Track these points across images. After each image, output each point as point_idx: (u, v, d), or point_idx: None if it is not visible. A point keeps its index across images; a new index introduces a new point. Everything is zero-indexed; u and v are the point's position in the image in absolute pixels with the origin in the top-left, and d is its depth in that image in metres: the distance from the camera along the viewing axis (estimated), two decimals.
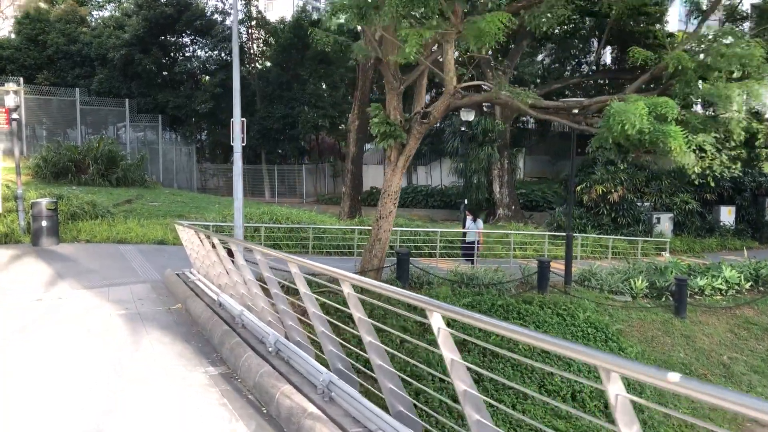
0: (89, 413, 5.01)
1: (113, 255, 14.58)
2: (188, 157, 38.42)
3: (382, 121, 11.15)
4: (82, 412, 5.04)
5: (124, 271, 12.73)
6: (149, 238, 16.75)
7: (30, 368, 6.17)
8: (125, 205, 21.69)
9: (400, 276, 12.16)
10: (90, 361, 6.32)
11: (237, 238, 11.02)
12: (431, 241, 17.92)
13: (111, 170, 25.99)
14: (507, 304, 12.17)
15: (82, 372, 6.03)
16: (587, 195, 22.17)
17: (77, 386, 5.65)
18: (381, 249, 12.12)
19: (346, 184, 23.36)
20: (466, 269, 13.82)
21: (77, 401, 5.27)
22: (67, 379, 5.85)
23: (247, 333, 6.51)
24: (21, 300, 9.81)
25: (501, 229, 25.06)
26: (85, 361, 6.36)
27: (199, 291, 9.36)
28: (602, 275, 15.14)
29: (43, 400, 5.33)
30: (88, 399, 5.32)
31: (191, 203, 24.53)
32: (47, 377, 5.89)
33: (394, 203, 11.96)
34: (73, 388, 5.62)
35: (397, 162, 11.60)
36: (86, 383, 5.71)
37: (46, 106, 31.51)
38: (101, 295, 10.25)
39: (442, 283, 12.74)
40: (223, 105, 36.16)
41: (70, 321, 8.26)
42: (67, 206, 17.71)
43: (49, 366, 6.23)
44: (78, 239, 16.25)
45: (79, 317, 8.48)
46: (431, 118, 11.11)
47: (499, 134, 28.08)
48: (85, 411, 5.07)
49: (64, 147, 26.10)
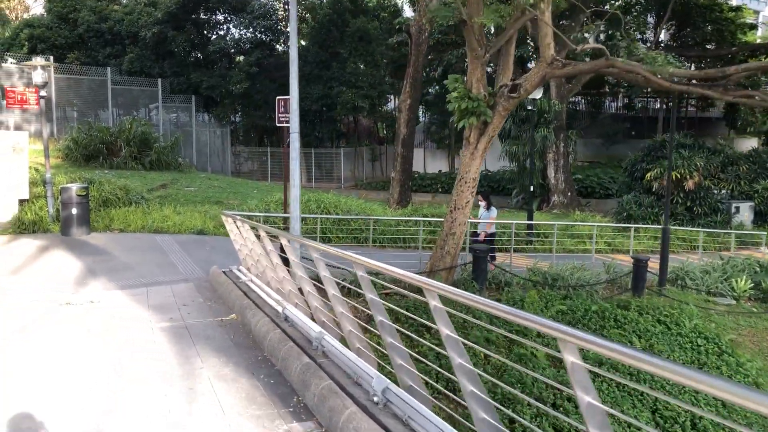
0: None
1: (149, 247, 13.17)
2: (222, 139, 37.06)
3: (462, 95, 9.47)
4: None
5: (162, 267, 11.28)
6: (187, 228, 15.32)
7: (63, 405, 4.68)
8: (160, 191, 20.35)
9: (476, 277, 10.52)
10: (135, 406, 4.79)
11: (294, 233, 9.47)
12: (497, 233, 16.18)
13: (144, 153, 24.70)
14: (602, 309, 10.47)
15: (126, 425, 4.52)
16: (658, 182, 20.21)
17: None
18: (455, 245, 10.49)
19: (395, 169, 21.66)
20: (546, 267, 12.13)
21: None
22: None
23: (334, 368, 4.94)
24: (48, 303, 8.39)
25: (557, 217, 23.28)
26: (129, 404, 4.85)
27: (255, 297, 7.83)
28: (696, 273, 13.32)
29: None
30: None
31: (229, 189, 23.11)
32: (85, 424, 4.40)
33: (472, 192, 10.30)
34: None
35: (478, 143, 9.92)
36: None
37: (76, 87, 30.30)
38: (139, 299, 8.79)
39: (523, 285, 11.07)
40: (258, 85, 34.70)
41: (105, 336, 6.79)
42: (99, 192, 16.37)
43: (86, 409, 4.73)
44: (111, 228, 14.89)
45: (115, 331, 7.00)
46: (521, 92, 9.40)
47: (556, 115, 26.15)
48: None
49: (96, 128, 24.86)
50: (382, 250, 14.76)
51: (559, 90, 26.58)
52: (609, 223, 18.78)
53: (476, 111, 9.35)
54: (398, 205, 20.57)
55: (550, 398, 8.66)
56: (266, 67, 35.33)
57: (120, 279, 10.27)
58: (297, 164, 9.47)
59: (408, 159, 21.81)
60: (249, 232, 8.07)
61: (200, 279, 10.41)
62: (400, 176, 21.33)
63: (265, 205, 16.60)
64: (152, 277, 10.47)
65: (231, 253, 12.73)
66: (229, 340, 6.46)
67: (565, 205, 26.52)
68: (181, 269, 11.24)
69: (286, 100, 14.91)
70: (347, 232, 15.40)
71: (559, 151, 26.67)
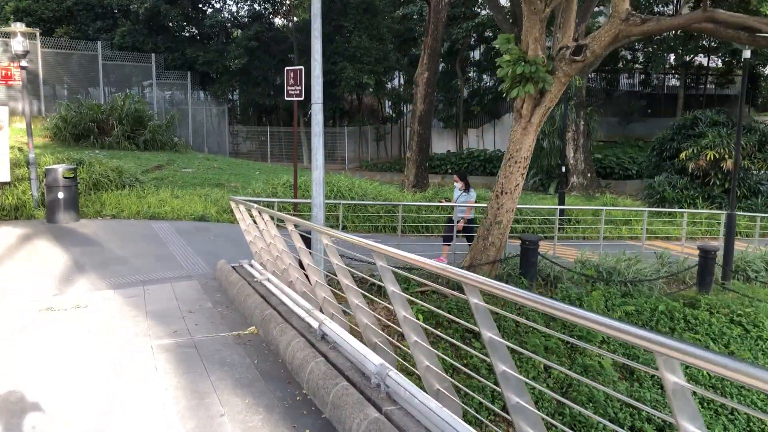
0: None
1: (145, 236, 11.69)
2: (219, 118, 35.37)
3: (516, 58, 7.96)
4: None
5: (161, 260, 9.81)
6: (187, 213, 13.84)
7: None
8: (155, 172, 18.81)
9: (525, 271, 9.08)
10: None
11: (317, 222, 7.99)
12: (526, 220, 14.70)
13: (138, 132, 23.12)
14: (669, 308, 9.08)
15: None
16: (694, 162, 18.73)
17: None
18: (500, 235, 9.04)
19: (411, 149, 20.07)
20: (595, 258, 10.69)
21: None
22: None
23: (411, 423, 3.50)
24: (24, 309, 6.93)
25: (576, 200, 21.85)
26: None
27: (276, 302, 6.38)
28: (758, 264, 11.93)
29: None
30: None
31: (229, 170, 21.58)
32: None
33: (523, 173, 8.82)
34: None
35: (532, 116, 8.43)
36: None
37: (65, 62, 28.54)
38: (135, 302, 7.33)
39: (575, 280, 9.64)
40: (256, 61, 33.00)
41: (93, 360, 5.34)
42: (89, 174, 14.83)
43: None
44: (102, 214, 13.39)
45: (105, 351, 5.55)
46: (587, 54, 7.90)
47: (576, 91, 24.61)
48: None
49: (86, 105, 23.23)
50: (411, 240, 13.29)
51: None
52: (650, 208, 17.31)
53: (533, 77, 7.85)
54: (415, 188, 19.06)
55: (627, 420, 7.27)
56: (265, 42, 33.60)
57: (112, 275, 8.81)
58: (321, 141, 7.98)
59: (425, 137, 20.24)
60: (269, 223, 6.60)
61: (205, 275, 8.96)
62: (416, 156, 19.76)
63: (271, 188, 15.09)
64: (150, 273, 9.01)
65: (238, 243, 11.29)
66: (253, 366, 5.00)
67: (584, 187, 25.07)
68: (182, 262, 9.77)
69: (296, 70, 13.39)
70: (364, 219, 13.92)
71: (579, 129, 25.16)
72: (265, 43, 33.46)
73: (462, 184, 11.09)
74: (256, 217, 7.20)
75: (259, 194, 14.48)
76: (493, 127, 35.53)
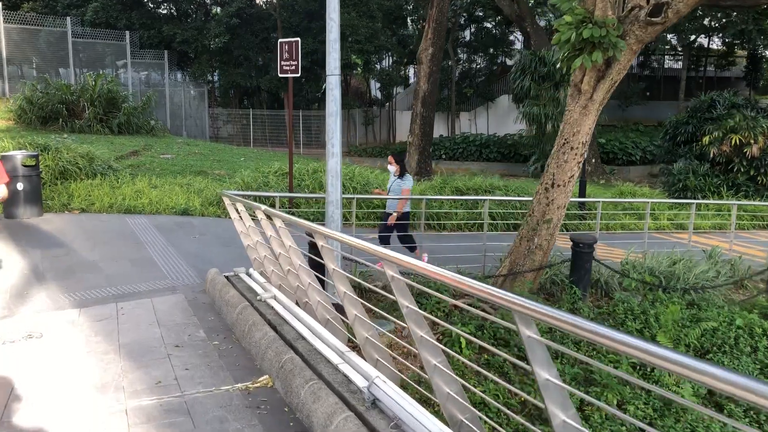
0: None
1: (120, 234, 10.03)
2: (198, 100, 33.41)
3: (580, 19, 6.42)
4: None
5: (138, 266, 8.19)
6: (167, 206, 12.19)
7: None
8: (131, 159, 17.06)
9: (577, 279, 7.60)
10: None
11: (333, 225, 6.43)
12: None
13: (111, 114, 21.26)
14: (749, 324, 7.65)
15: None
16: (717, 147, 17.37)
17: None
18: (549, 236, 7.54)
19: (413, 133, 18.41)
20: (643, 258, 9.25)
21: None
22: None
23: None
24: None
25: (594, 189, 20.45)
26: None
27: (293, 336, 4.83)
28: None
29: None
30: None
31: (211, 156, 19.85)
32: None
33: (579, 163, 7.31)
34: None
35: (594, 92, 6.90)
36: None
37: (32, 40, 26.41)
38: (105, 329, 5.74)
39: (630, 286, 8.19)
40: (237, 40, 31.09)
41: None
42: (55, 161, 13.09)
43: None
44: (69, 208, 11.69)
45: (55, 423, 3.97)
46: (669, 15, 6.38)
47: None
48: None
49: (54, 85, 21.30)
50: (432, 238, 11.72)
51: None
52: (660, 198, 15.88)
53: (605, 42, 6.32)
54: (418, 176, 17.46)
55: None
56: (247, 20, 31.65)
57: (79, 287, 7.18)
58: (338, 122, 6.38)
59: (429, 120, 18.59)
60: (282, 231, 5.02)
61: (193, 287, 7.36)
62: (419, 141, 18.11)
63: (262, 177, 13.45)
64: (125, 284, 7.39)
65: (228, 242, 9.70)
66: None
67: (589, 174, 23.66)
68: (163, 268, 8.15)
69: (291, 43, 11.75)
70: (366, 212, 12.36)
71: None
72: (247, 21, 31.53)
73: (396, 167, 9.05)
74: (263, 220, 5.62)
75: (249, 184, 12.83)
76: (486, 110, 34.01)
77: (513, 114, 32.23)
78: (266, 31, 32.44)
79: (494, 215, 12.41)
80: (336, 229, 6.46)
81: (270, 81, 31.47)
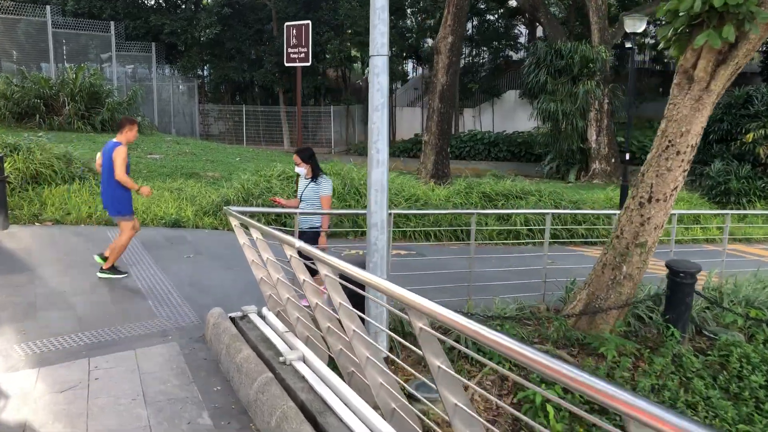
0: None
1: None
2: (188, 96, 31.65)
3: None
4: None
5: (119, 299, 6.56)
6: (155, 216, 10.57)
7: None
8: None
9: (675, 317, 6.02)
10: None
11: (377, 256, 4.82)
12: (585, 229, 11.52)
13: (94, 110, 19.56)
14: None
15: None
16: (763, 147, 15.87)
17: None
18: (642, 263, 5.97)
19: (429, 130, 16.74)
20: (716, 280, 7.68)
21: None
22: None
23: None
24: None
25: (596, 188, 18.96)
26: None
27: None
28: None
29: None
30: None
31: (204, 155, 18.17)
32: None
33: (685, 170, 5.73)
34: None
35: (711, 80, 5.33)
36: None
37: (10, 31, 24.57)
38: (69, 407, 4.13)
39: (722, 318, 6.62)
40: (229, 32, 29.35)
41: None
42: (26, 163, 11.41)
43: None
44: (41, 219, 10.04)
45: None
46: None
47: (602, 65, 21.66)
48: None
49: (31, 78, 19.54)
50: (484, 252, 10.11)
51: (602, 34, 22.01)
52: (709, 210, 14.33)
53: (738, 12, 4.75)
54: (434, 179, 15.82)
55: None
56: (239, 10, 29.92)
57: (41, 332, 5.55)
58: (385, 117, 4.78)
59: (447, 117, 16.89)
60: (333, 285, 3.41)
61: (189, 330, 5.74)
62: (436, 140, 16.43)
63: (264, 181, 11.79)
64: (101, 326, 5.76)
65: (229, 262, 8.08)
66: None
67: (608, 174, 22.23)
68: (151, 302, 6.51)
69: (300, 26, 10.13)
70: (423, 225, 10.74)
71: (603, 108, 22.24)
72: (239, 11, 29.78)
73: (307, 167, 6.59)
74: (292, 256, 3.99)
75: (250, 190, 11.17)
76: (491, 106, 32.43)
77: (520, 110, 30.72)
78: (260, 22, 30.68)
79: (531, 224, 10.83)
80: (381, 262, 4.87)
81: (264, 75, 29.73)
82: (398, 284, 2.87)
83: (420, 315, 2.71)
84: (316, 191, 6.57)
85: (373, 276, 3.26)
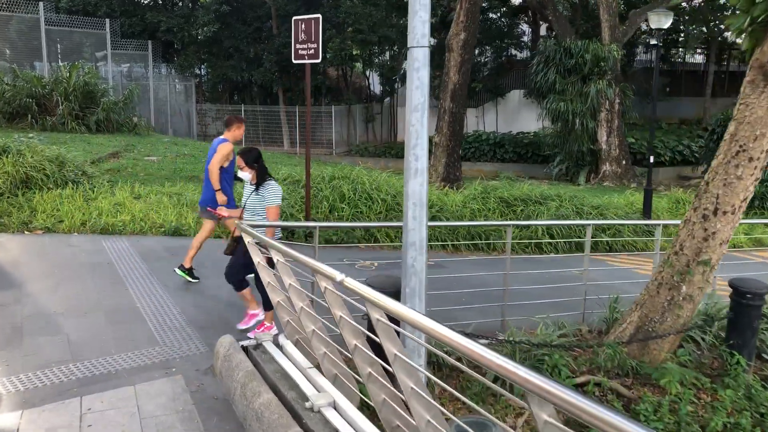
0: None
1: (94, 266, 7.69)
2: (185, 95, 30.94)
3: None
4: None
5: (116, 321, 5.87)
6: (154, 224, 9.87)
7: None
8: (110, 161, 14.67)
9: (741, 343, 5.37)
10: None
11: (415, 275, 4.16)
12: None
13: (88, 110, 18.89)
14: None
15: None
16: None
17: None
18: (704, 283, 5.32)
19: (440, 131, 16.07)
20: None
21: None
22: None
23: None
24: None
25: (608, 191, 18.34)
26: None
27: None
28: None
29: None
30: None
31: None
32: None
33: (757, 178, 5.08)
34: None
35: None
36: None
37: (2, 29, 23.82)
38: None
39: None
40: (228, 30, 28.64)
41: None
42: (16, 166, 10.72)
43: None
44: (31, 227, 9.35)
45: None
46: None
47: (613, 63, 21.05)
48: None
49: (23, 77, 18.84)
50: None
51: (612, 32, 21.39)
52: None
53: None
54: (445, 182, 15.17)
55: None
56: (238, 7, 29.22)
57: (27, 364, 4.88)
58: (424, 119, 4.11)
59: (459, 117, 16.21)
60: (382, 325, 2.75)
61: (195, 360, 5.07)
62: (447, 141, 15.75)
63: None
64: (96, 355, 5.08)
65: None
66: None
67: (618, 176, 21.61)
68: (152, 326, 5.83)
69: (309, 21, 9.39)
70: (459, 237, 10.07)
71: (614, 109, 21.61)
72: (237, 9, 29.07)
73: (251, 173, 5.64)
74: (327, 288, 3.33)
75: None
76: (495, 106, 31.79)
77: (525, 110, 30.08)
78: (259, 20, 29.98)
79: (553, 234, 10.17)
80: (420, 288, 4.20)
81: (263, 74, 29.02)
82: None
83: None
84: (260, 201, 5.67)
85: (419, 316, 2.60)
